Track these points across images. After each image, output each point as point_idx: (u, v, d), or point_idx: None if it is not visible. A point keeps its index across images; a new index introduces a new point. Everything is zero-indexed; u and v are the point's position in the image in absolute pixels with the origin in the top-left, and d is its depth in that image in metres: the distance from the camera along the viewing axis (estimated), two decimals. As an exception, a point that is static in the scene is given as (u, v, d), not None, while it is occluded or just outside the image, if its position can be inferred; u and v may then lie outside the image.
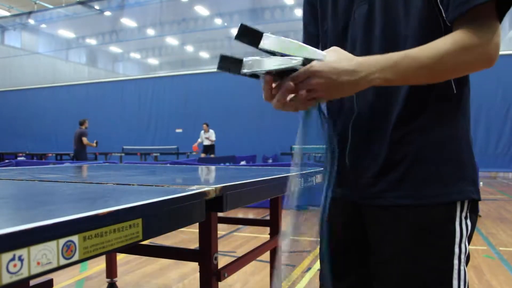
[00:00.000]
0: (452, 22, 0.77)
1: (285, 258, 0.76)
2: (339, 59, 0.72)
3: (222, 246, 3.66)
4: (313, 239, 4.02)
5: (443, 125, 0.83)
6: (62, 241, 0.55)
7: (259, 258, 1.92)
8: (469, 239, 0.85)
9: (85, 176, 1.73)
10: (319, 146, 0.85)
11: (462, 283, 0.81)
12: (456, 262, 0.81)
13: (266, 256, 1.89)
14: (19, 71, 17.83)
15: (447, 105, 0.83)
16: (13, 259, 0.48)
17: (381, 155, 0.85)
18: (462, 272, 0.81)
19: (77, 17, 17.28)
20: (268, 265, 1.93)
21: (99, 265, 3.10)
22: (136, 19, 17.16)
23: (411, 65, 0.73)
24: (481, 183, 7.56)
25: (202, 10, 16.33)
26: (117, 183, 1.17)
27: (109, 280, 2.36)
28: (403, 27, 0.82)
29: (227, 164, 8.50)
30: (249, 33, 0.73)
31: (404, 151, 0.83)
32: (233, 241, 3.96)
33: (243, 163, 9.65)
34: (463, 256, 0.82)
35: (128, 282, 2.84)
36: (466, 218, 0.83)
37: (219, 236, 2.96)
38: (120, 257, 3.24)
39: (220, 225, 1.52)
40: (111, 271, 2.36)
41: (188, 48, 19.83)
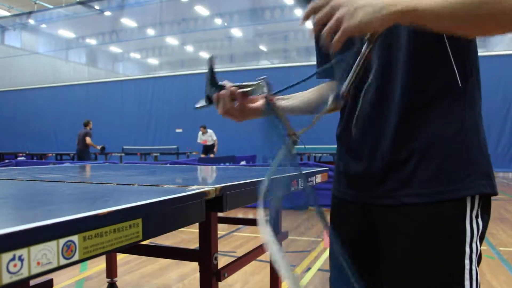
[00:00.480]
0: None
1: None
2: None
3: (222, 246, 3.66)
4: (313, 239, 4.02)
5: (449, 120, 0.81)
6: (62, 241, 0.55)
7: (259, 258, 1.92)
8: (482, 238, 0.83)
9: (85, 176, 1.73)
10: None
11: (474, 283, 0.79)
12: (467, 262, 0.79)
13: (266, 256, 1.89)
14: (19, 71, 17.83)
15: (452, 99, 0.81)
16: (13, 259, 0.48)
17: (387, 154, 0.84)
18: (474, 272, 0.80)
19: (77, 17, 17.28)
20: (268, 265, 1.93)
21: (99, 265, 3.10)
22: (136, 19, 17.17)
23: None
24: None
25: (202, 10, 16.33)
26: (117, 183, 1.17)
27: (109, 280, 2.36)
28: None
29: (227, 164, 8.49)
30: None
31: (410, 148, 0.82)
32: (233, 241, 3.96)
33: (243, 163, 9.65)
34: (474, 256, 0.80)
35: (128, 282, 2.84)
36: (477, 217, 0.81)
37: (219, 236, 2.95)
38: (120, 257, 3.24)
39: (220, 225, 1.52)
40: (111, 271, 2.36)
41: (188, 48, 19.83)
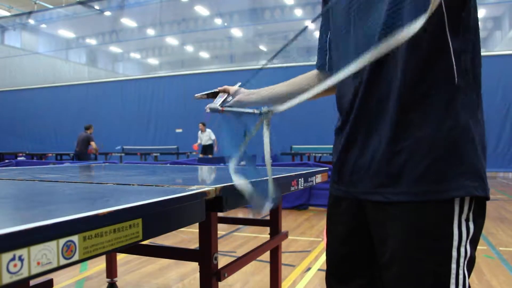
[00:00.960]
0: None
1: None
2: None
3: (222, 246, 3.65)
4: (313, 239, 4.02)
5: (442, 118, 0.80)
6: (62, 241, 0.55)
7: (259, 258, 1.92)
8: (474, 242, 0.81)
9: (85, 176, 1.73)
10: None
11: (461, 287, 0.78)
12: (454, 266, 0.78)
13: (266, 256, 1.89)
14: (19, 71, 17.80)
15: (444, 98, 0.80)
16: (13, 259, 0.48)
17: (378, 151, 0.85)
18: (461, 277, 0.79)
19: (77, 17, 17.26)
20: (268, 265, 1.93)
21: (99, 265, 3.10)
22: (136, 19, 17.15)
23: None
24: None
25: (202, 10, 16.32)
26: (117, 183, 1.17)
27: (109, 280, 2.36)
28: None
29: (227, 164, 8.47)
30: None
31: (401, 146, 0.82)
32: (233, 241, 3.96)
33: (243, 163, 9.62)
34: (462, 260, 0.79)
35: (128, 282, 2.84)
36: (467, 220, 0.79)
37: (219, 236, 2.95)
38: (120, 257, 3.24)
39: (220, 225, 1.52)
40: (111, 271, 2.36)
41: (188, 48, 19.82)
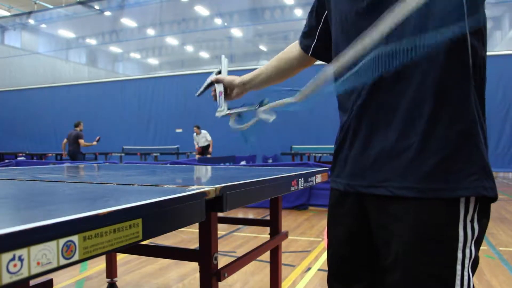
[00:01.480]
0: None
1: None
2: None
3: (222, 246, 3.65)
4: (313, 239, 4.02)
5: (452, 117, 0.80)
6: (62, 241, 0.55)
7: (259, 258, 1.92)
8: (478, 242, 0.81)
9: (85, 176, 1.73)
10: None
11: None
12: (459, 268, 0.78)
13: (266, 256, 1.89)
14: (19, 71, 17.80)
15: (458, 96, 0.80)
16: (13, 259, 0.48)
17: (386, 146, 0.85)
18: (466, 278, 0.78)
19: (77, 17, 17.26)
20: (268, 265, 1.93)
21: (99, 265, 3.10)
22: (136, 19, 17.15)
23: None
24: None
25: (202, 10, 16.33)
26: (117, 183, 1.17)
27: (109, 280, 2.36)
28: None
29: (227, 164, 8.50)
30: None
31: (410, 142, 0.82)
32: (233, 241, 3.96)
33: (243, 163, 9.65)
34: (467, 261, 0.78)
35: (128, 282, 2.84)
36: (472, 221, 0.79)
37: (219, 236, 2.95)
38: (120, 257, 3.24)
39: (220, 225, 1.52)
40: (111, 271, 2.36)
41: (188, 48, 19.82)
